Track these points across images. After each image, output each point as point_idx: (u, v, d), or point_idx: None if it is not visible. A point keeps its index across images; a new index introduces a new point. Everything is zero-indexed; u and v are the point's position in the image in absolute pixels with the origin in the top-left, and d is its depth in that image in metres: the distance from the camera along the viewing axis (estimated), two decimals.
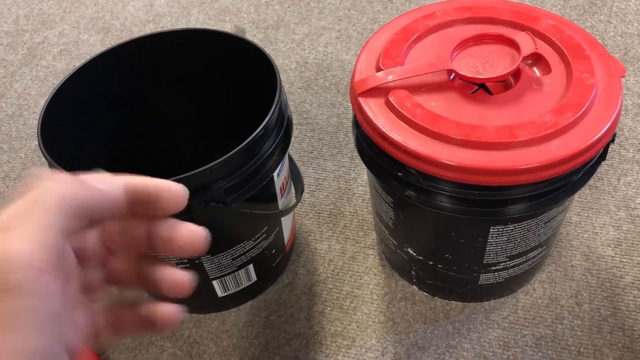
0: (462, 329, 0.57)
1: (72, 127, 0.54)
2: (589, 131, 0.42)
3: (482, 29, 0.50)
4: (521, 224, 0.48)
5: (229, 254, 0.53)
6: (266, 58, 0.52)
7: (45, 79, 0.91)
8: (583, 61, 0.46)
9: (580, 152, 0.41)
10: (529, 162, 0.41)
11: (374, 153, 0.47)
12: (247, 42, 0.54)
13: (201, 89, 0.62)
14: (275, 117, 0.49)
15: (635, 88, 0.78)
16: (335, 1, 1.00)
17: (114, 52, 0.55)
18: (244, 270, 0.57)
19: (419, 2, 0.97)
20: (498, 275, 0.54)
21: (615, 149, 0.71)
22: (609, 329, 0.56)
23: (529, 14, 0.51)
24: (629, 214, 0.65)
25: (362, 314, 0.59)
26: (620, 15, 0.90)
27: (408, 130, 0.44)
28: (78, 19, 1.02)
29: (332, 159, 0.75)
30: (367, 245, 0.65)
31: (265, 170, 0.49)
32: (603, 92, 0.45)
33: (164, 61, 0.59)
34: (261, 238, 0.55)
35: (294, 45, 0.92)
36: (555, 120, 0.42)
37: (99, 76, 0.55)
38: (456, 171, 0.42)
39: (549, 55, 0.48)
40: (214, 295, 0.58)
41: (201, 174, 0.43)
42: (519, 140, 0.42)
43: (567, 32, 0.49)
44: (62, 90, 0.51)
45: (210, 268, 0.54)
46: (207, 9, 1.01)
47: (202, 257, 0.52)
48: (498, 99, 0.46)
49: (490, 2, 0.53)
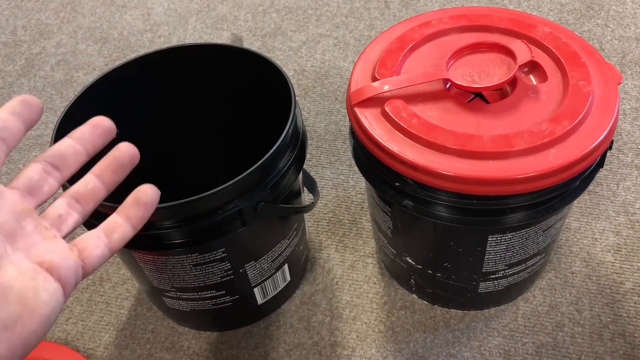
0: (462, 337, 0.57)
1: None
2: (585, 139, 0.42)
3: (478, 37, 0.50)
4: (519, 233, 0.48)
5: (269, 256, 0.54)
6: (276, 69, 0.52)
7: (44, 89, 0.91)
8: (579, 69, 0.46)
9: (577, 161, 0.41)
10: (526, 171, 0.41)
11: (371, 163, 0.47)
12: (259, 55, 0.54)
13: (212, 102, 0.61)
14: (297, 112, 0.50)
15: (633, 92, 0.78)
16: (332, 8, 1.00)
17: (123, 69, 0.55)
18: (281, 271, 0.57)
19: (416, 8, 0.97)
20: (497, 284, 0.54)
21: (614, 154, 0.71)
22: (609, 336, 0.56)
23: (524, 22, 0.51)
24: (628, 219, 0.64)
25: (362, 323, 0.59)
26: (618, 18, 0.90)
27: (404, 141, 0.43)
28: (75, 29, 1.03)
29: (330, 166, 0.75)
30: (366, 253, 0.65)
31: (297, 163, 0.49)
32: (599, 100, 0.45)
33: (173, 77, 0.59)
34: (293, 235, 0.56)
35: (291, 53, 0.92)
36: (552, 128, 0.42)
37: (110, 93, 0.54)
38: (453, 181, 0.42)
39: (545, 63, 0.48)
40: (254, 304, 0.58)
41: (251, 174, 0.44)
42: (515, 150, 0.41)
43: (564, 39, 0.49)
44: (73, 108, 0.51)
45: (252, 275, 0.54)
46: (205, 18, 1.01)
47: (246, 264, 0.52)
48: (494, 108, 0.45)
49: (486, 10, 0.53)
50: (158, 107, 0.60)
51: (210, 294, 0.53)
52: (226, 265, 0.50)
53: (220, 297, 0.54)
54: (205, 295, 0.53)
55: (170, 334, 0.60)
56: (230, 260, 0.50)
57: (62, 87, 0.91)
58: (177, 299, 0.54)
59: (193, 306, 0.55)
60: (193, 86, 0.60)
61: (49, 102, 0.89)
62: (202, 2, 1.05)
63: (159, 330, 0.61)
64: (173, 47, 0.57)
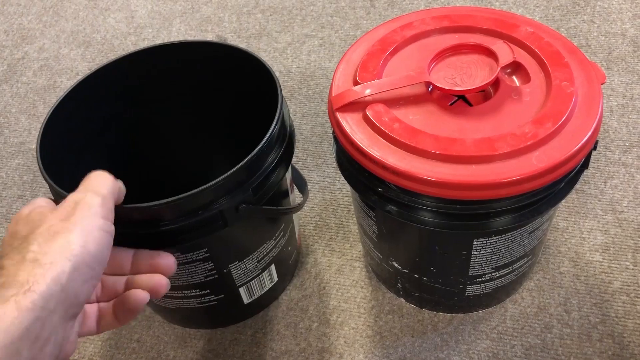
0: (450, 341, 0.57)
1: (69, 149, 0.53)
2: (569, 141, 0.42)
3: (460, 38, 0.49)
4: (505, 236, 0.47)
5: (254, 257, 0.53)
6: (264, 66, 0.52)
7: (26, 95, 0.90)
8: (562, 69, 0.46)
9: (561, 163, 0.41)
10: (509, 175, 0.40)
11: (354, 168, 0.47)
12: (246, 52, 0.53)
13: (200, 101, 0.61)
14: (283, 109, 0.50)
15: (619, 89, 0.78)
16: (318, 8, 0.99)
17: (105, 70, 0.54)
18: (267, 272, 0.56)
19: (402, 7, 0.96)
20: (484, 286, 0.54)
21: (601, 152, 0.71)
22: (598, 337, 0.55)
23: (507, 22, 0.50)
24: (616, 218, 0.64)
25: (350, 328, 0.59)
26: (604, 14, 0.90)
27: (386, 146, 0.43)
28: (58, 33, 1.01)
29: (316, 169, 0.74)
30: (353, 257, 0.64)
31: (282, 164, 0.49)
32: (583, 100, 0.44)
33: (158, 77, 0.58)
34: (280, 236, 0.55)
35: (276, 55, 0.91)
36: (535, 131, 0.42)
37: (93, 95, 0.53)
38: (436, 187, 0.41)
39: (528, 63, 0.47)
40: (239, 304, 0.57)
41: (232, 175, 0.43)
42: (498, 153, 0.41)
43: (546, 39, 0.48)
44: (57, 112, 0.50)
45: (237, 275, 0.53)
46: (189, 20, 1.00)
47: (230, 264, 0.51)
48: (477, 110, 0.45)
49: (469, 10, 0.52)
50: (142, 108, 0.59)
51: (194, 292, 0.53)
52: (209, 265, 0.50)
53: (205, 296, 0.53)
54: (190, 294, 0.53)
55: (156, 343, 0.60)
56: (214, 260, 0.50)
57: (45, 93, 0.90)
58: (162, 296, 0.54)
59: (178, 304, 0.54)
60: (182, 85, 0.59)
61: (32, 108, 0.88)
62: (186, 4, 1.04)
63: (145, 339, 0.60)
64: (156, 45, 0.56)
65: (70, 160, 0.51)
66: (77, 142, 0.54)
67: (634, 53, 0.82)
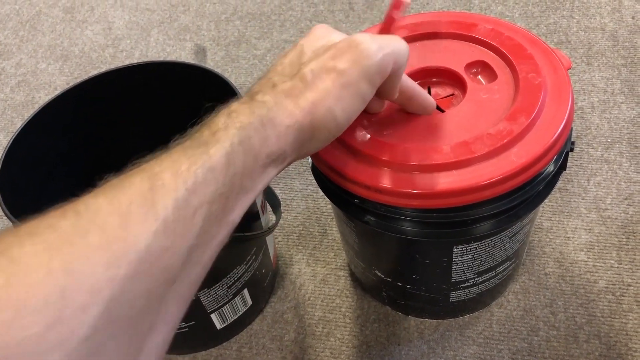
0: (437, 347, 0.56)
1: (32, 176, 0.52)
2: (545, 133, 0.41)
3: (423, 46, 0.49)
4: (485, 242, 0.47)
5: (224, 282, 0.52)
6: (227, 84, 0.51)
7: (4, 112, 0.89)
8: (527, 61, 0.45)
9: (540, 156, 0.40)
10: (491, 176, 0.39)
11: (329, 181, 0.46)
12: (209, 70, 0.53)
13: (167, 119, 0.60)
14: None
15: (600, 84, 0.77)
16: (296, 13, 0.98)
17: (73, 92, 0.53)
18: (240, 296, 0.55)
19: (381, 9, 0.96)
20: (469, 292, 0.53)
21: (583, 149, 0.70)
22: (585, 338, 0.55)
23: (465, 22, 0.50)
24: (600, 216, 0.64)
25: (336, 339, 0.58)
26: (583, 9, 0.89)
27: (359, 162, 0.42)
28: (35, 48, 1.00)
29: (299, 177, 0.73)
30: (337, 266, 0.64)
31: None
32: (552, 89, 0.43)
33: (125, 96, 0.57)
34: (252, 260, 0.54)
35: (256, 62, 0.90)
36: (509, 127, 0.41)
37: (59, 117, 0.53)
38: (420, 198, 0.40)
39: (492, 61, 0.47)
40: (213, 330, 0.56)
41: None
42: (477, 156, 0.40)
43: (507, 33, 0.48)
44: (19, 139, 0.49)
45: (207, 301, 0.52)
46: (167, 29, 0.99)
47: (198, 291, 0.50)
48: (449, 116, 0.44)
49: (430, 16, 0.52)
50: (111, 129, 0.58)
51: None
52: None
53: None
54: None
55: None
56: None
57: (22, 109, 0.89)
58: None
59: None
60: (153, 103, 0.58)
61: (10, 125, 0.87)
62: (164, 13, 1.03)
63: None
64: (123, 66, 0.55)
65: (32, 188, 0.51)
66: (41, 170, 0.53)
67: (613, 48, 0.82)
